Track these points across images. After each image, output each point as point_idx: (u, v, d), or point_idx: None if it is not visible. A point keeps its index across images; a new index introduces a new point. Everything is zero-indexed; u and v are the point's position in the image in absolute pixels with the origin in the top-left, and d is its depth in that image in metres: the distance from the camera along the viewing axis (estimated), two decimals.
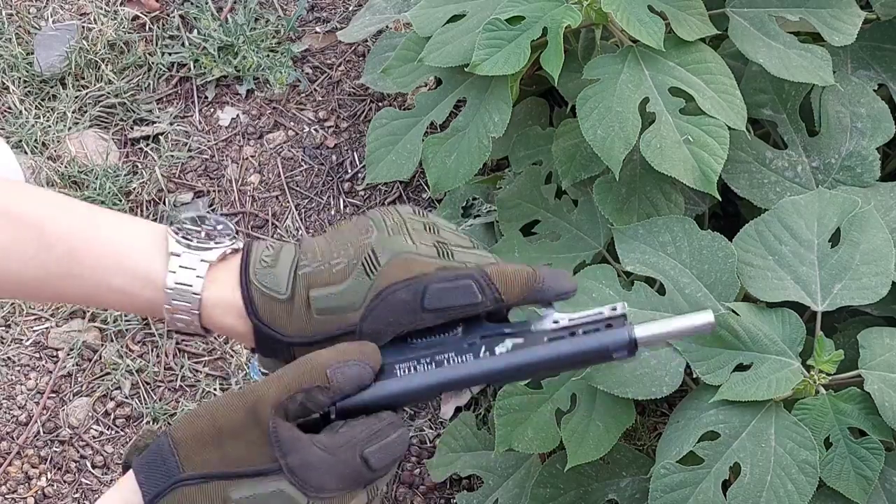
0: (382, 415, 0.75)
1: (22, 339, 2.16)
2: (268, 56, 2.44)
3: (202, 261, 0.83)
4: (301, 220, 2.29)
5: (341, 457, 0.71)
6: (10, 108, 2.38)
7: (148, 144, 2.36)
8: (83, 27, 2.48)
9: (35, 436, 2.07)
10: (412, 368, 0.81)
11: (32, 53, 2.43)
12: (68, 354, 2.14)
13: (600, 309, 0.81)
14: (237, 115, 2.40)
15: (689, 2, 1.66)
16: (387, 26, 2.18)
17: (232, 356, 2.14)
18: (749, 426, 1.47)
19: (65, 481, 2.04)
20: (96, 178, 2.28)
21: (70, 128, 2.36)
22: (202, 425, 0.72)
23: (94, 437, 2.07)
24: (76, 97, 2.39)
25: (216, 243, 0.84)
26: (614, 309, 0.81)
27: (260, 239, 0.86)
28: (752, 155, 1.69)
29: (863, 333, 1.52)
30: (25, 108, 2.38)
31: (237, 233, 0.85)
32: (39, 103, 2.40)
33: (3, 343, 2.16)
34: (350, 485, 0.72)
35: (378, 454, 0.73)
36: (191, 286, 0.82)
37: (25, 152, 2.32)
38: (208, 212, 2.29)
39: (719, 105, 1.60)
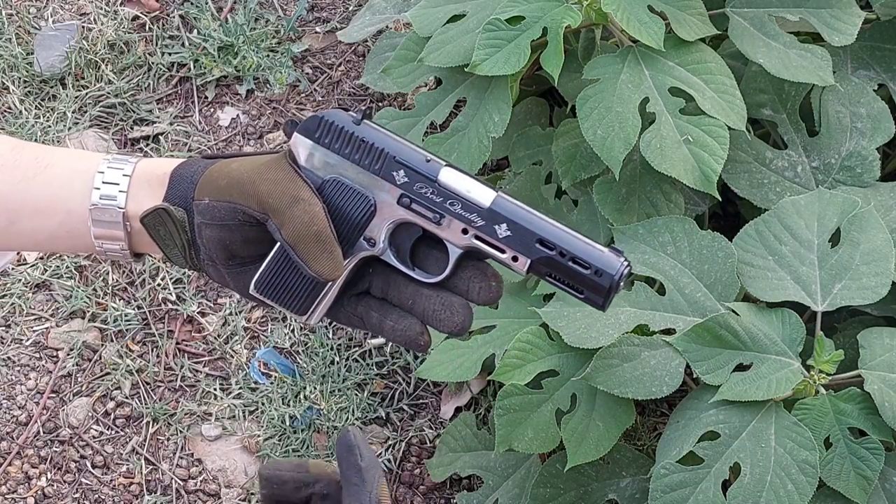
0: None
1: (22, 339, 2.16)
2: (268, 56, 2.44)
3: (124, 175, 0.85)
4: None
5: None
6: (10, 108, 2.38)
7: (148, 144, 2.36)
8: (83, 27, 2.48)
9: (35, 436, 2.07)
10: None
11: (32, 53, 2.43)
12: (68, 354, 2.14)
13: None
14: (237, 115, 2.40)
15: (689, 2, 1.66)
16: (387, 26, 2.18)
17: (232, 356, 2.14)
18: (749, 426, 1.47)
19: (65, 481, 2.04)
20: None
21: (70, 128, 2.36)
22: None
23: (94, 437, 2.07)
24: (76, 97, 2.39)
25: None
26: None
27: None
28: (752, 155, 1.69)
29: (863, 333, 1.52)
30: (25, 108, 2.38)
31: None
32: (39, 103, 2.40)
33: (3, 343, 2.16)
34: None
35: None
36: (115, 199, 0.84)
37: None
38: None
39: (719, 105, 1.60)
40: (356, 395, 2.09)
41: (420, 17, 1.75)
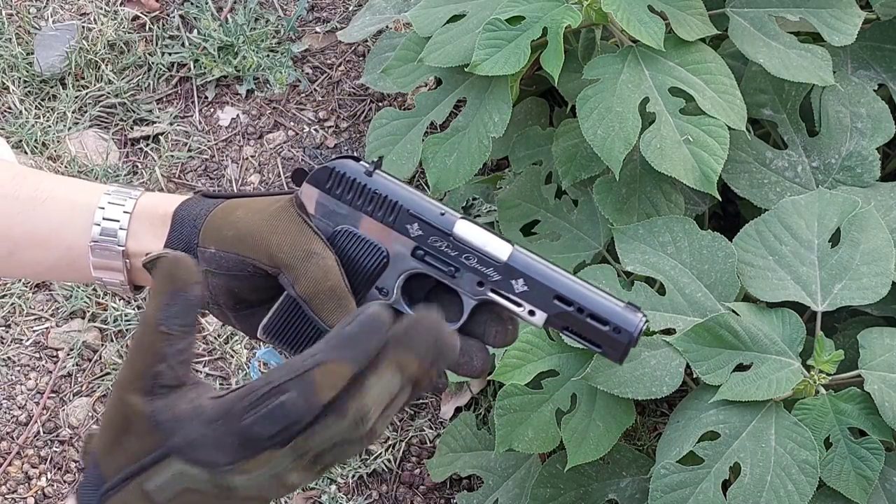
0: (271, 375, 0.67)
1: (22, 339, 2.16)
2: (268, 56, 2.44)
3: (125, 212, 0.85)
4: None
5: (221, 430, 0.66)
6: (10, 108, 2.38)
7: (148, 144, 2.36)
8: (83, 27, 2.48)
9: (35, 436, 2.07)
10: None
11: (32, 53, 2.43)
12: (68, 354, 2.14)
13: None
14: (237, 115, 2.40)
15: (689, 2, 1.66)
16: (387, 26, 2.18)
17: (232, 356, 2.14)
18: (749, 426, 1.47)
19: (65, 481, 2.04)
20: (96, 179, 2.28)
21: (70, 128, 2.36)
22: (104, 435, 0.70)
23: None
24: (76, 97, 2.39)
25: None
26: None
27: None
28: (752, 155, 1.69)
29: (863, 333, 1.52)
30: (25, 108, 2.38)
31: None
32: (39, 103, 2.40)
33: (3, 343, 2.16)
34: (245, 454, 0.66)
35: (260, 424, 0.66)
36: (115, 237, 0.85)
37: (25, 152, 2.32)
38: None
39: (719, 105, 1.60)
40: None
41: (420, 17, 1.75)
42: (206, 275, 0.82)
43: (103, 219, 0.84)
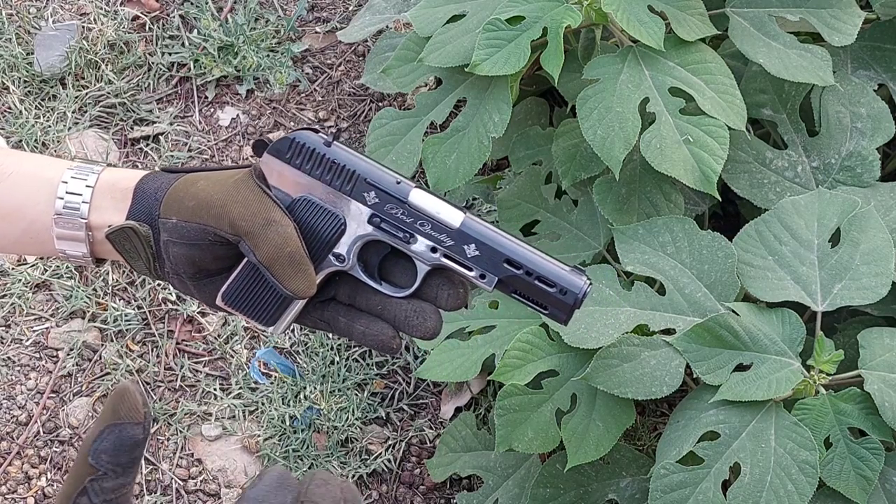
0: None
1: (22, 339, 2.16)
2: (268, 56, 2.44)
3: (87, 186, 0.86)
4: None
5: None
6: (10, 108, 2.38)
7: (148, 144, 2.36)
8: (83, 27, 2.48)
9: (35, 436, 2.07)
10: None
11: (32, 53, 2.43)
12: (68, 354, 2.14)
13: None
14: (237, 115, 2.40)
15: (689, 2, 1.66)
16: (387, 26, 2.18)
17: (232, 356, 2.14)
18: (749, 426, 1.47)
19: (65, 481, 2.04)
20: None
21: (70, 128, 2.36)
22: None
23: None
24: (76, 97, 2.39)
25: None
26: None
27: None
28: (752, 155, 1.69)
29: (863, 333, 1.52)
30: (25, 108, 2.38)
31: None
32: (39, 103, 2.40)
33: (3, 343, 2.16)
34: None
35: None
36: (77, 209, 0.86)
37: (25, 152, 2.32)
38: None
39: (719, 105, 1.60)
40: (356, 395, 2.09)
41: (420, 17, 1.75)
42: (168, 244, 0.83)
43: (66, 192, 0.86)
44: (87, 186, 0.86)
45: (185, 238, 0.83)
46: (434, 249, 0.84)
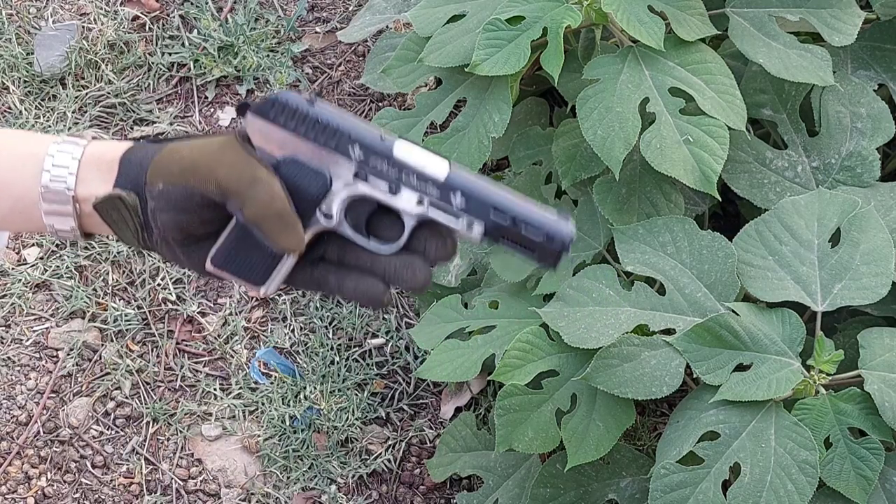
0: None
1: (22, 339, 2.16)
2: (268, 56, 2.44)
3: (73, 158, 0.86)
4: None
5: None
6: (10, 108, 2.38)
7: None
8: (83, 27, 2.48)
9: (35, 436, 2.07)
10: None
11: (32, 53, 2.43)
12: (68, 354, 2.14)
13: None
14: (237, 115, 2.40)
15: (689, 2, 1.66)
16: (387, 26, 2.18)
17: (232, 356, 2.14)
18: (749, 426, 1.47)
19: (65, 481, 2.04)
20: None
21: (70, 128, 2.36)
22: None
23: (94, 437, 2.07)
24: (76, 97, 2.39)
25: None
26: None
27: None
28: (752, 155, 1.69)
29: (863, 333, 1.52)
30: (25, 108, 2.38)
31: None
32: (39, 103, 2.40)
33: (3, 343, 2.16)
34: None
35: None
36: (64, 182, 0.86)
37: None
38: None
39: (719, 105, 1.60)
40: (356, 395, 2.09)
41: (420, 17, 1.75)
42: (155, 212, 0.84)
43: (53, 165, 0.86)
44: (74, 158, 0.86)
45: (173, 203, 0.83)
46: (420, 201, 0.83)
